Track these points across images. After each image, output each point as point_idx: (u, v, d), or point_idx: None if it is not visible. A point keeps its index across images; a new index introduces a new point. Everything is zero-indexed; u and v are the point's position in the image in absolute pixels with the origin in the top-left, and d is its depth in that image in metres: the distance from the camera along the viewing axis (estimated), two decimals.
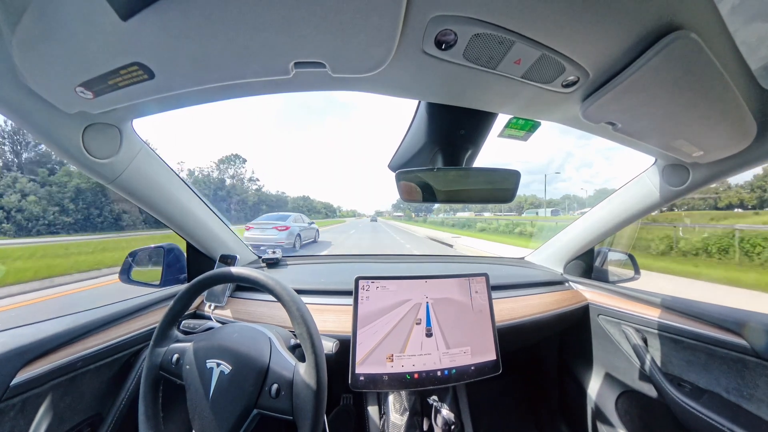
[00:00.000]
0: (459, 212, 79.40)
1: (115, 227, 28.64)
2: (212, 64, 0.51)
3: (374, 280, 0.91)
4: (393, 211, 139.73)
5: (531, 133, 0.84)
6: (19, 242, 15.92)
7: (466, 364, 0.88)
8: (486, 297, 0.97)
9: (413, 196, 0.84)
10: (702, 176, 0.91)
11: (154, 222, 1.02)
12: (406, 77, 0.59)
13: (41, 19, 0.42)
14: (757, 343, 0.74)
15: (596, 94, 0.61)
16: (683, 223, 12.79)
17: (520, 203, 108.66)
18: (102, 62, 0.49)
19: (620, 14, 0.44)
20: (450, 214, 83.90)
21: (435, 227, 28.63)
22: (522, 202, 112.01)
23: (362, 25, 0.43)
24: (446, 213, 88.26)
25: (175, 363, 0.66)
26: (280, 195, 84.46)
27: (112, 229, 28.36)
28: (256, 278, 0.64)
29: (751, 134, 0.70)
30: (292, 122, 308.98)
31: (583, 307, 1.20)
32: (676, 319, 0.92)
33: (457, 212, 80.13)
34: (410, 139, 0.89)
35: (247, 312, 1.01)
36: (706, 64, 0.50)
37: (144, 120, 0.77)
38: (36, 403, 0.63)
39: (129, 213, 29.34)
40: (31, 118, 0.61)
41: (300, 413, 0.57)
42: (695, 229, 11.16)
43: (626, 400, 1.08)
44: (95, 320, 0.76)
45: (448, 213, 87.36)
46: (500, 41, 0.47)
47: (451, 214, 79.67)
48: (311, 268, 1.42)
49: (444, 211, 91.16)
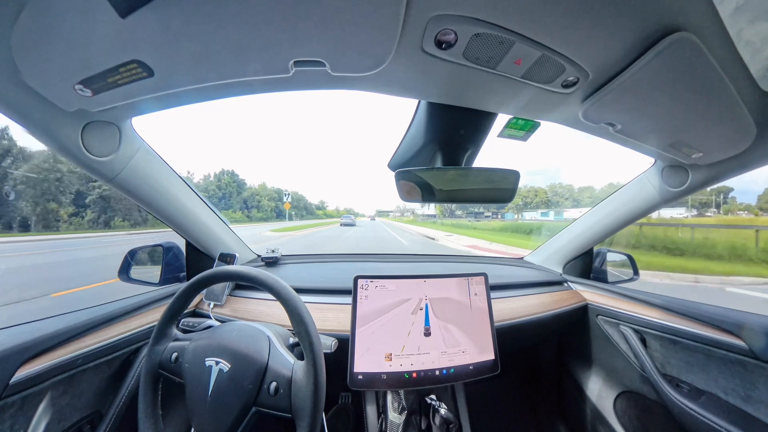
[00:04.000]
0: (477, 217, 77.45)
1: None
2: (211, 62, 0.51)
3: (373, 279, 0.91)
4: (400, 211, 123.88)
5: (531, 133, 0.84)
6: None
7: (464, 364, 0.88)
8: (485, 297, 0.97)
9: (412, 196, 0.84)
10: (701, 177, 0.92)
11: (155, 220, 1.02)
12: (405, 76, 0.59)
13: (40, 17, 0.42)
14: (755, 345, 0.74)
15: (596, 94, 0.61)
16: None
17: (527, 199, 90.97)
18: (101, 60, 0.49)
19: (620, 15, 0.44)
20: (471, 218, 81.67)
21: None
22: (528, 196, 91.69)
23: (362, 24, 0.43)
24: (467, 217, 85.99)
25: (174, 361, 0.66)
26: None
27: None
28: (255, 277, 0.65)
29: (750, 136, 0.70)
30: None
31: (582, 307, 1.20)
32: (674, 320, 0.92)
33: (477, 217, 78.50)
34: (410, 139, 0.89)
35: (246, 310, 1.01)
36: (706, 66, 0.50)
37: (142, 118, 0.77)
38: (35, 400, 0.63)
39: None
40: (30, 116, 0.61)
41: (298, 411, 0.57)
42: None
43: (624, 401, 1.08)
44: (95, 318, 0.76)
45: (469, 216, 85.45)
46: (500, 41, 0.47)
47: (472, 218, 77.65)
48: (310, 267, 1.42)
49: (466, 215, 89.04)
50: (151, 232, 19.53)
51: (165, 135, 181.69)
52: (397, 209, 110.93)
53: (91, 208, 33.68)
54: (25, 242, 15.30)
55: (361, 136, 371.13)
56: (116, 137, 0.75)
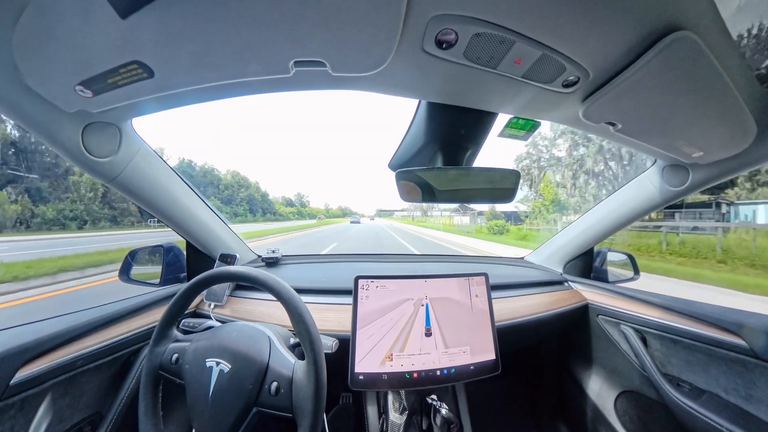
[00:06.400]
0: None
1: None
2: (212, 63, 0.51)
3: (374, 280, 0.91)
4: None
5: (531, 132, 0.84)
6: None
7: (465, 364, 0.88)
8: (485, 297, 0.97)
9: (413, 196, 0.84)
10: (702, 177, 0.92)
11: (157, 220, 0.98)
12: (406, 76, 0.59)
13: (41, 18, 0.42)
14: (755, 344, 0.74)
15: (596, 94, 0.61)
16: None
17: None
18: (101, 61, 0.49)
19: (621, 14, 0.44)
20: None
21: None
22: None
23: (363, 24, 0.43)
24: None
25: (175, 362, 0.66)
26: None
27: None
28: (256, 277, 0.64)
29: (751, 135, 0.70)
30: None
31: (583, 307, 1.20)
32: (675, 320, 0.92)
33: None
34: (410, 139, 0.89)
35: (246, 311, 1.01)
36: (707, 65, 0.50)
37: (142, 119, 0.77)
38: (36, 401, 0.63)
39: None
40: (30, 116, 0.61)
41: (299, 411, 0.57)
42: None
43: (625, 400, 1.08)
44: (95, 319, 0.76)
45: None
46: (501, 41, 0.47)
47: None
48: (311, 267, 1.42)
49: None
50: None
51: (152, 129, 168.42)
52: (412, 208, 76.91)
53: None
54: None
55: (359, 133, 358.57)
56: (117, 138, 0.74)
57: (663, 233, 12.13)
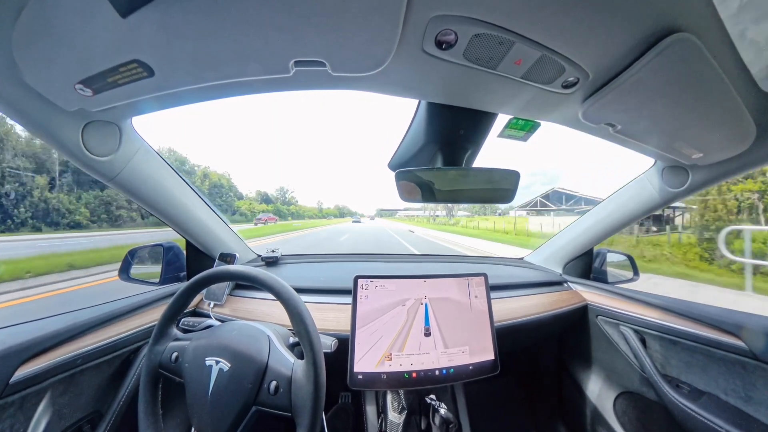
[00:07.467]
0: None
1: None
2: (212, 62, 0.51)
3: (373, 279, 0.91)
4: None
5: (531, 133, 0.84)
6: None
7: (464, 364, 0.88)
8: (485, 297, 0.97)
9: (413, 196, 0.85)
10: (701, 178, 0.92)
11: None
12: (406, 77, 0.59)
13: (41, 16, 0.42)
14: (755, 346, 0.74)
15: (596, 95, 0.61)
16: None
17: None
18: (101, 59, 0.49)
19: (620, 16, 0.44)
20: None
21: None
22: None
23: (363, 25, 0.43)
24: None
25: (174, 361, 0.66)
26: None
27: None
28: (255, 276, 0.65)
29: (751, 137, 0.70)
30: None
31: (582, 307, 1.20)
32: (674, 321, 0.92)
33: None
34: (410, 139, 0.89)
35: (246, 310, 1.01)
36: (706, 67, 0.50)
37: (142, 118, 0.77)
38: (35, 400, 0.63)
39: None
40: (30, 115, 0.61)
41: (298, 410, 0.57)
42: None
43: (624, 401, 1.08)
44: (95, 318, 0.76)
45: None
46: (500, 41, 0.47)
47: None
48: (310, 266, 1.42)
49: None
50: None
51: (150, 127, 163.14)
52: (432, 207, 60.04)
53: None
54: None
55: (358, 132, 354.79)
56: (116, 137, 0.75)
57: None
